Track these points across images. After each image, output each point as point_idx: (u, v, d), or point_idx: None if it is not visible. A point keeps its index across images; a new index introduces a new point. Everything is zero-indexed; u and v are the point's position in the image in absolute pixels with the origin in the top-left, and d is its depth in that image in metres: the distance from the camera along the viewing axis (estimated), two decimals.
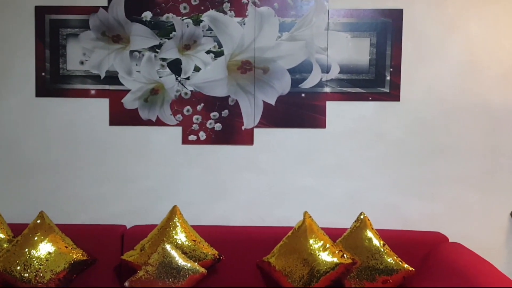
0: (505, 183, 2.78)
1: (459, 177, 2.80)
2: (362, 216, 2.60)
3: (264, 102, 2.82)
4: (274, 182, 2.86)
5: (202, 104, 2.83)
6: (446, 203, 2.80)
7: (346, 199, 2.84)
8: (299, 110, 2.82)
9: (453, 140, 2.79)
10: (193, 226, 2.71)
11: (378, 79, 2.80)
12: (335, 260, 2.45)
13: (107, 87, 2.83)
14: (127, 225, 2.82)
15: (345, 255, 2.48)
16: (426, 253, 2.57)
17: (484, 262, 2.27)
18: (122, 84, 2.83)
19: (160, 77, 2.82)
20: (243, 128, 2.84)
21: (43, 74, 2.84)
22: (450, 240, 2.69)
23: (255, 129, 2.84)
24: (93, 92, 2.84)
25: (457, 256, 2.39)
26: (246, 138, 2.84)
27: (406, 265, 2.45)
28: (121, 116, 2.84)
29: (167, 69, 2.81)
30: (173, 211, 2.64)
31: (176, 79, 2.82)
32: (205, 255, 2.54)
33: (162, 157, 2.86)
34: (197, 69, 2.81)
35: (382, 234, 2.63)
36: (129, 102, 2.84)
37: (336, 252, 2.49)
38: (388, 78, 2.79)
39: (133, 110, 2.84)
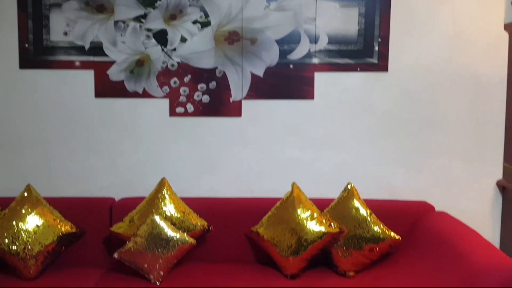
0: (492, 154, 2.82)
1: (446, 147, 2.82)
2: (349, 187, 2.63)
3: (252, 73, 2.80)
4: (263, 154, 2.86)
5: (189, 76, 2.80)
6: (433, 174, 2.84)
7: (334, 170, 2.86)
8: (287, 81, 2.80)
9: (440, 111, 2.81)
10: (182, 198, 2.71)
11: (366, 50, 2.78)
12: (323, 229, 2.48)
13: (92, 58, 2.78)
14: (116, 197, 2.82)
15: (332, 224, 2.51)
16: (413, 222, 2.61)
17: (470, 231, 2.31)
18: (107, 56, 2.78)
19: (145, 48, 2.78)
20: (231, 100, 2.82)
21: (26, 45, 2.78)
22: (436, 210, 2.73)
23: (243, 101, 2.82)
24: (77, 63, 2.79)
25: (443, 225, 2.43)
26: (234, 110, 2.83)
27: (392, 234, 2.49)
28: (107, 88, 2.81)
29: (153, 40, 2.77)
30: (162, 183, 2.64)
31: (162, 50, 2.78)
32: (194, 226, 2.56)
33: (149, 129, 2.84)
34: (183, 40, 2.77)
35: (369, 204, 2.66)
36: (114, 73, 2.80)
37: (324, 221, 2.52)
38: (376, 48, 2.78)
39: (119, 82, 2.80)
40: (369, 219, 2.52)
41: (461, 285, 1.91)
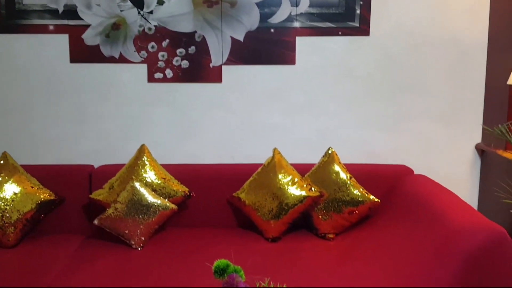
0: (471, 117, 2.84)
1: (426, 111, 2.83)
2: (330, 151, 2.63)
3: (232, 38, 2.75)
4: (244, 120, 2.84)
5: (168, 40, 2.73)
6: (412, 137, 2.86)
7: (315, 136, 2.86)
8: (268, 46, 2.76)
9: (421, 75, 2.81)
10: (162, 165, 2.70)
11: (348, 13, 2.75)
12: (303, 193, 2.50)
13: (66, 22, 2.70)
14: (95, 165, 2.79)
15: (313, 188, 2.52)
16: (392, 185, 2.64)
17: (448, 193, 2.34)
18: (81, 19, 2.69)
19: (121, 10, 2.69)
20: (211, 65, 2.77)
21: None
22: (415, 173, 2.76)
23: (223, 66, 2.78)
24: (51, 27, 2.70)
25: (421, 187, 2.45)
26: (215, 76, 2.78)
27: (371, 197, 2.52)
28: (82, 53, 2.74)
29: (128, 2, 2.69)
30: (141, 150, 2.61)
31: (139, 13, 2.70)
32: (175, 192, 2.55)
33: (127, 95, 2.79)
34: (160, 2, 2.69)
35: (349, 168, 2.68)
36: (89, 38, 2.72)
37: (304, 185, 2.53)
38: (358, 12, 2.74)
39: (95, 47, 2.73)
40: (349, 183, 2.54)
41: (439, 245, 1.94)
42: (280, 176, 2.55)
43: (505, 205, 2.54)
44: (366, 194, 2.52)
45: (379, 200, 2.52)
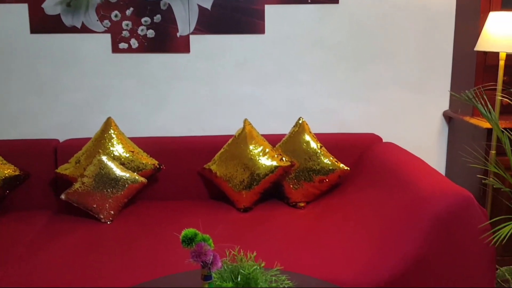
0: (439, 84, 2.86)
1: (395, 79, 2.85)
2: (300, 121, 2.63)
3: (199, 6, 2.67)
4: (213, 91, 2.80)
5: (132, 9, 2.64)
6: (381, 105, 2.87)
7: (286, 106, 2.84)
8: (237, 14, 2.70)
9: (390, 43, 2.80)
10: (130, 138, 2.64)
11: None
12: (274, 163, 2.50)
13: None
14: (60, 139, 2.71)
15: (283, 159, 2.52)
16: (361, 153, 2.66)
17: (416, 159, 2.37)
18: None
19: None
20: (178, 35, 2.70)
21: None
22: (384, 141, 2.79)
23: (191, 36, 2.71)
24: None
25: (390, 155, 2.48)
26: (182, 46, 2.72)
27: (341, 165, 2.54)
28: (43, 23, 2.62)
29: None
30: (108, 123, 2.55)
31: None
32: (144, 165, 2.51)
33: (91, 67, 2.70)
34: None
35: (320, 137, 2.69)
36: (50, 7, 2.60)
37: (275, 156, 2.53)
38: None
39: (56, 16, 2.61)
40: (319, 152, 2.55)
41: (407, 210, 1.97)
42: (251, 147, 2.54)
43: (471, 170, 2.60)
44: (336, 163, 2.54)
45: (348, 168, 2.54)
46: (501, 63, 2.27)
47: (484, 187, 2.46)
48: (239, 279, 1.39)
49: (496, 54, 2.54)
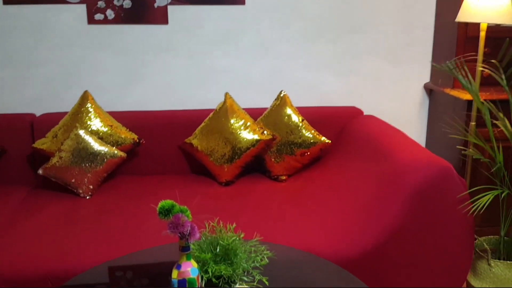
0: (420, 56, 2.85)
1: (376, 51, 2.82)
2: (282, 94, 2.60)
3: None
4: (193, 64, 2.75)
5: None
6: (362, 78, 2.85)
7: (267, 79, 2.80)
8: None
9: (371, 14, 2.77)
10: (109, 112, 2.59)
11: None
12: (256, 137, 2.48)
13: None
14: (36, 113, 2.65)
15: (265, 132, 2.50)
16: (342, 126, 2.66)
17: (396, 131, 2.38)
18: None
19: None
20: (155, 5, 2.63)
21: None
22: (365, 114, 2.79)
23: (169, 7, 2.64)
24: None
25: (370, 127, 2.48)
26: (160, 17, 2.65)
27: (323, 138, 2.53)
28: None
29: None
30: (84, 97, 2.49)
31: None
32: (123, 139, 2.47)
33: (67, 39, 2.62)
34: None
35: (301, 111, 2.67)
36: None
37: (257, 129, 2.51)
38: None
39: None
40: (301, 125, 2.54)
41: (388, 182, 1.98)
42: (232, 121, 2.51)
43: (452, 141, 2.61)
44: (318, 136, 2.53)
45: (330, 142, 2.54)
46: (482, 34, 2.26)
47: (464, 158, 2.49)
48: (218, 250, 1.38)
49: (477, 25, 2.53)
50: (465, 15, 2.27)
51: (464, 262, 1.97)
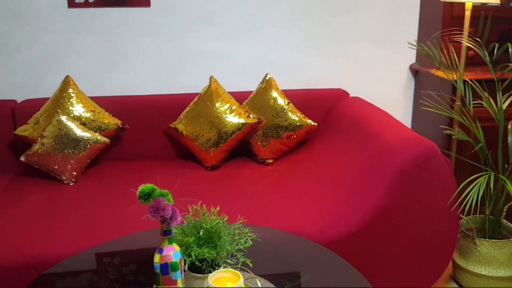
0: (406, 37, 2.83)
1: (362, 33, 2.80)
2: (267, 77, 2.58)
3: None
4: (177, 47, 2.70)
5: None
6: (348, 60, 2.83)
7: (252, 62, 2.77)
8: None
9: None
10: (91, 97, 2.55)
11: None
12: (242, 120, 2.46)
13: None
14: (17, 99, 2.60)
15: (251, 116, 2.48)
16: (328, 108, 2.65)
17: (382, 112, 2.37)
18: None
19: None
20: None
21: None
22: (351, 95, 2.77)
23: None
24: None
25: (356, 109, 2.47)
26: None
27: (309, 121, 2.52)
28: None
29: None
30: (66, 82, 2.44)
31: None
32: (106, 125, 2.43)
33: (47, 23, 2.56)
34: None
35: (287, 93, 2.65)
36: None
37: (242, 113, 2.48)
38: None
39: None
40: (286, 108, 2.52)
41: (373, 162, 1.98)
42: (217, 105, 2.48)
43: (437, 122, 2.62)
44: (304, 119, 2.52)
45: (316, 124, 2.53)
46: (467, 13, 2.25)
47: (449, 143, 2.49)
48: (201, 233, 1.37)
49: (462, 4, 2.52)
50: None
51: (450, 241, 1.98)
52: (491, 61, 2.10)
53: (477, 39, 2.47)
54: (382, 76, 2.88)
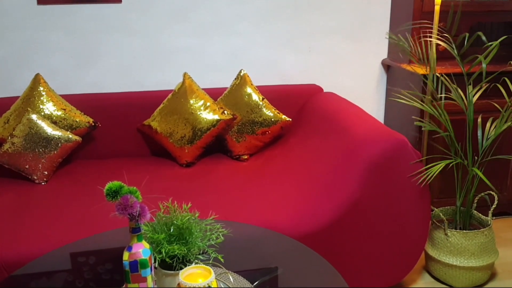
0: (378, 33, 2.86)
1: (334, 29, 2.82)
2: (242, 73, 2.57)
3: None
4: (149, 44, 2.68)
5: None
6: (321, 55, 2.85)
7: (226, 58, 2.77)
8: None
9: None
10: (62, 95, 2.51)
11: None
12: (216, 117, 2.45)
13: None
14: None
15: (225, 112, 2.48)
16: (303, 104, 2.66)
17: (355, 107, 2.40)
18: None
19: None
20: None
21: None
22: (325, 91, 2.79)
23: None
24: None
25: (330, 104, 2.49)
26: None
27: (283, 116, 2.52)
28: None
29: None
30: (36, 80, 2.40)
31: None
32: (78, 123, 2.40)
33: (15, 20, 2.51)
34: None
35: (262, 89, 2.66)
36: None
37: (217, 109, 2.48)
38: None
39: None
40: (261, 104, 2.52)
41: (346, 156, 2.00)
42: (191, 101, 2.47)
43: (409, 116, 2.65)
44: (278, 114, 2.53)
45: (290, 120, 2.54)
46: (437, 8, 2.28)
47: (420, 135, 2.53)
48: (172, 230, 1.36)
49: (432, 0, 2.55)
50: None
51: (421, 233, 2.02)
52: (460, 55, 2.14)
53: (446, 34, 2.51)
54: (355, 71, 2.90)
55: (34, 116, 2.26)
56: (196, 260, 1.36)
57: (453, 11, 2.53)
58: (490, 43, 2.06)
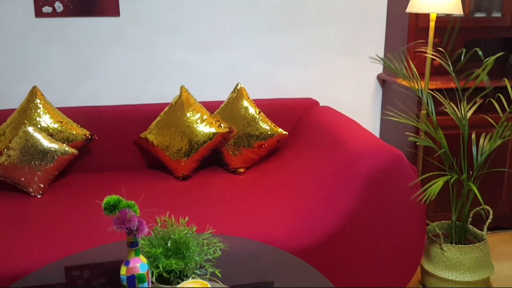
0: (373, 47, 2.90)
1: (330, 43, 2.85)
2: (238, 87, 2.59)
3: None
4: (147, 57, 2.69)
5: None
6: (318, 69, 2.88)
7: (223, 71, 2.79)
8: None
9: (325, 6, 2.79)
10: (59, 108, 2.51)
11: None
12: (213, 130, 2.46)
13: None
14: None
15: (222, 125, 2.49)
16: (299, 117, 2.67)
17: (350, 121, 2.41)
18: None
19: None
20: None
21: None
22: (321, 105, 2.81)
23: None
24: None
25: (326, 118, 2.50)
26: (111, 9, 2.58)
27: (280, 130, 2.54)
28: None
29: None
30: (33, 92, 2.40)
31: None
32: (74, 136, 2.40)
33: (14, 33, 2.52)
34: None
35: (258, 103, 2.67)
36: None
37: (214, 122, 2.49)
38: None
39: None
40: (257, 118, 2.53)
41: (341, 170, 2.00)
42: (188, 114, 2.48)
43: (404, 131, 2.67)
44: (275, 128, 2.54)
45: (287, 133, 2.55)
46: (432, 24, 2.32)
47: (416, 150, 2.55)
48: (169, 244, 1.36)
49: (427, 16, 2.59)
50: (415, 6, 2.31)
51: (417, 247, 2.02)
52: (455, 71, 2.17)
53: (441, 49, 2.54)
54: (350, 85, 2.93)
55: (30, 129, 2.26)
56: (193, 275, 1.35)
57: (451, 26, 2.57)
58: (486, 59, 2.09)
